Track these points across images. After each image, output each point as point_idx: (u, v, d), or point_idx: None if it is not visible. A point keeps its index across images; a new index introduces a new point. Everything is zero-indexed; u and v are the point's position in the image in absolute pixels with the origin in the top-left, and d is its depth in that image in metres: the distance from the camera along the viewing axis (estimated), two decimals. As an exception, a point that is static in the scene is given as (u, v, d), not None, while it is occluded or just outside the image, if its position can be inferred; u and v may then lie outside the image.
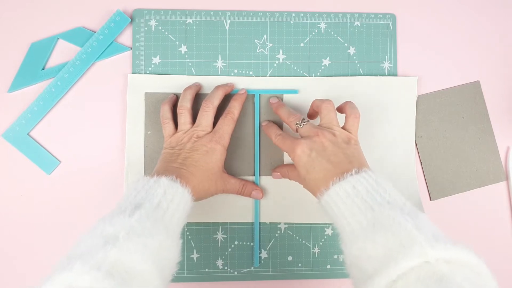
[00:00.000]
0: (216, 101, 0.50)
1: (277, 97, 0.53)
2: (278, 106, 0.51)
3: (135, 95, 0.53)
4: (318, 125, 0.46)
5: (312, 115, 0.51)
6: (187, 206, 0.43)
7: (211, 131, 0.48)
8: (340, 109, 0.49)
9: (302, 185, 0.46)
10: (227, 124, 0.49)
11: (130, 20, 0.53)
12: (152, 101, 0.53)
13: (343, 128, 0.46)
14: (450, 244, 0.34)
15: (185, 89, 0.51)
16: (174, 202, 0.41)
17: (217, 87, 0.51)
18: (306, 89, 0.54)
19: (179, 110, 0.49)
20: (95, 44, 0.52)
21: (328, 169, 0.42)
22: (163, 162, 0.47)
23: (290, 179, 0.51)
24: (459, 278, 0.32)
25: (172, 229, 0.40)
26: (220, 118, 0.50)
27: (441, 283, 0.31)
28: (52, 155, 0.52)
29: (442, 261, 0.33)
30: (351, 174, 0.40)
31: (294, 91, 0.54)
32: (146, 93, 0.53)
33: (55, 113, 0.53)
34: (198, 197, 0.46)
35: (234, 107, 0.51)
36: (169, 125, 0.50)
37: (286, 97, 0.54)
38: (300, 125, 0.46)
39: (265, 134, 0.53)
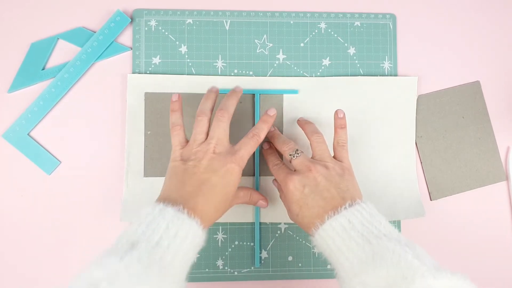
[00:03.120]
0: (231, 109, 0.46)
1: (273, 126, 0.52)
2: (273, 135, 0.51)
3: (135, 95, 0.53)
4: (311, 158, 0.46)
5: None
6: (196, 239, 0.38)
7: (229, 146, 0.45)
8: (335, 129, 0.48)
9: (290, 218, 0.46)
10: (251, 146, 0.45)
11: (130, 20, 0.53)
12: (152, 101, 0.53)
13: (334, 157, 0.46)
14: (451, 274, 0.33)
15: (208, 93, 0.48)
16: (178, 237, 0.36)
17: (231, 95, 0.48)
18: (306, 89, 0.54)
19: (199, 116, 0.45)
20: (95, 44, 0.52)
21: (321, 206, 0.42)
22: (176, 180, 0.42)
23: (280, 197, 0.50)
24: None
25: (172, 272, 0.35)
26: (245, 137, 0.46)
27: None
28: (52, 155, 0.52)
29: None
30: (345, 208, 0.40)
31: (294, 91, 0.54)
32: (146, 93, 0.53)
33: (55, 113, 0.53)
34: (211, 223, 0.42)
35: (262, 129, 0.47)
36: (181, 132, 0.46)
37: (286, 97, 0.54)
38: (294, 156, 0.46)
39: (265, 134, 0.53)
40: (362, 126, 0.54)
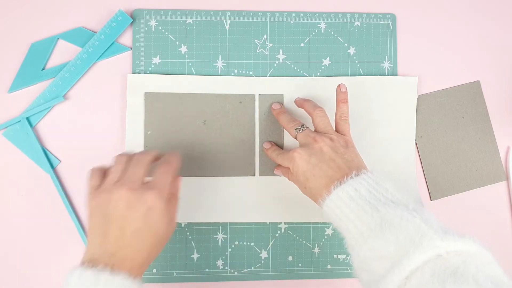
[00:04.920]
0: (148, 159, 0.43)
1: (279, 103, 0.53)
2: (279, 112, 0.51)
3: (135, 95, 0.53)
4: (315, 131, 0.46)
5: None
6: None
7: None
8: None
9: (302, 191, 0.46)
10: (167, 172, 0.42)
11: (132, 20, 0.53)
12: (152, 101, 0.53)
13: (336, 131, 0.47)
14: (458, 236, 0.34)
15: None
16: None
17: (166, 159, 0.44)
18: (306, 89, 0.54)
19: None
20: (96, 43, 0.52)
21: (328, 175, 0.42)
22: (97, 231, 0.39)
23: (289, 180, 0.51)
24: (473, 269, 0.32)
25: None
26: (157, 168, 0.42)
27: (456, 275, 0.31)
28: (52, 154, 0.52)
29: (453, 254, 0.33)
30: (351, 177, 0.40)
31: (294, 91, 0.54)
32: (146, 93, 0.53)
33: (55, 112, 0.53)
34: (146, 268, 0.40)
35: (172, 158, 0.44)
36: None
37: (286, 97, 0.54)
38: (300, 130, 0.46)
39: (266, 134, 0.53)
40: (362, 126, 0.54)
